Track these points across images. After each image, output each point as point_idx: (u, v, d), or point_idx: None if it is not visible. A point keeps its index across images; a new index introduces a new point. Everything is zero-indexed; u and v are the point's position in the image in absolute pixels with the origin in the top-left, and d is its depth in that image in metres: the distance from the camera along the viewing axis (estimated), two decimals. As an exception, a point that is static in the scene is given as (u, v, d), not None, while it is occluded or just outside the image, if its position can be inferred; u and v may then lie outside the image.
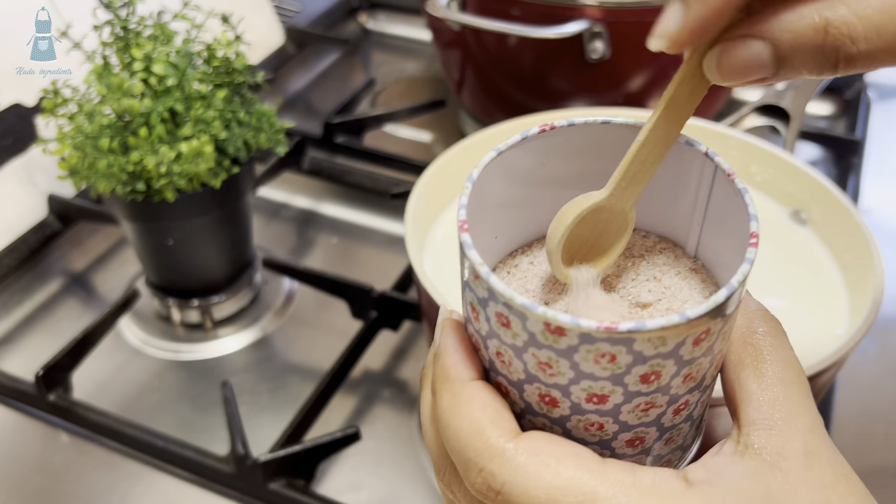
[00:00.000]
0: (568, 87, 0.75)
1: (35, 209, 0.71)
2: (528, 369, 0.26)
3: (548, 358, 0.25)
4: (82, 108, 0.55)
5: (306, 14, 1.03)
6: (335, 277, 0.63)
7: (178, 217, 0.59)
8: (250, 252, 0.67)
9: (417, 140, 0.88)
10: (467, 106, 0.86)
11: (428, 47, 1.02)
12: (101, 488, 0.54)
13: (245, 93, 0.60)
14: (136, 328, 0.66)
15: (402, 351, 0.64)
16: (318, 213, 0.79)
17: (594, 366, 0.24)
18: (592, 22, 0.68)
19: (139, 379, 0.62)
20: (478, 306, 0.26)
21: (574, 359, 0.24)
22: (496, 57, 0.77)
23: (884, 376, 0.62)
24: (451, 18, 0.72)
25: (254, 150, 0.60)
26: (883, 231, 0.70)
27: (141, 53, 0.55)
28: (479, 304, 0.26)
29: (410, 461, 0.56)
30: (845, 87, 0.90)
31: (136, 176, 0.56)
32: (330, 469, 0.56)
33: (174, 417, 0.59)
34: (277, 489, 0.52)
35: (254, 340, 0.66)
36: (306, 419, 0.56)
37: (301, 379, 0.62)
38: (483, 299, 0.25)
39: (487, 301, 0.25)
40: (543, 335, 0.24)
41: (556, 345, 0.24)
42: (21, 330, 0.67)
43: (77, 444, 0.57)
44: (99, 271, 0.72)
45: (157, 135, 0.54)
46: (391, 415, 0.59)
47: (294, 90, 0.96)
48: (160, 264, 0.63)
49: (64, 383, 0.58)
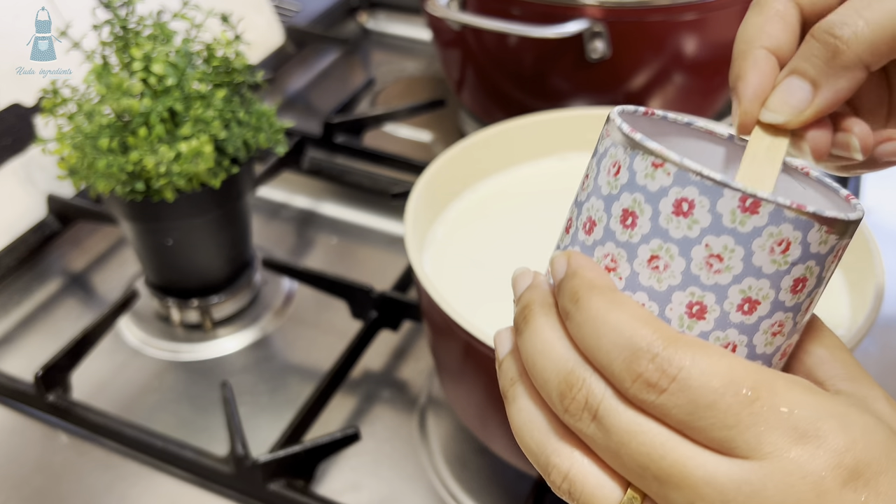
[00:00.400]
0: (568, 87, 0.75)
1: (34, 209, 0.71)
2: (691, 269, 0.25)
3: (723, 247, 0.25)
4: (81, 107, 0.55)
5: (306, 13, 1.03)
6: (335, 277, 0.63)
7: (178, 217, 0.59)
8: (250, 252, 0.67)
9: (417, 140, 0.88)
10: (467, 105, 0.86)
11: (428, 47, 1.02)
12: (100, 488, 0.54)
13: (244, 92, 0.60)
14: (136, 328, 0.66)
15: (401, 351, 0.64)
16: (318, 212, 0.79)
17: (766, 257, 0.25)
18: (592, 21, 0.68)
19: (138, 379, 0.62)
20: (643, 205, 0.26)
21: (751, 247, 0.25)
22: (496, 56, 0.77)
23: (884, 376, 0.62)
24: (451, 18, 0.72)
25: (253, 150, 0.60)
26: (883, 231, 0.70)
27: (140, 53, 0.55)
28: (648, 200, 0.26)
29: (410, 461, 0.56)
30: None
31: (136, 176, 0.56)
32: (329, 469, 0.56)
33: (173, 418, 0.59)
34: (277, 490, 0.52)
35: (253, 341, 0.65)
36: (306, 419, 0.56)
37: (301, 379, 0.62)
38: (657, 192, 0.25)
39: (666, 191, 0.25)
40: (732, 215, 0.24)
41: (741, 227, 0.25)
42: (20, 330, 0.67)
43: (76, 445, 0.57)
44: (98, 271, 0.72)
45: (156, 134, 0.54)
46: (391, 415, 0.59)
47: (294, 90, 0.96)
48: (159, 264, 0.63)
49: (63, 383, 0.58)
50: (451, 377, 0.52)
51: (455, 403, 0.53)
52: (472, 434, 0.53)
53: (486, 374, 0.46)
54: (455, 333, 0.44)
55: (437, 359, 0.53)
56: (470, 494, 0.54)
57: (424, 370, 0.62)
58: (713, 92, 0.80)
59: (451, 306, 0.44)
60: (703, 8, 0.69)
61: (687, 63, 0.73)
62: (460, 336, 0.44)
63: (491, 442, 0.51)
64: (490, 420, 0.50)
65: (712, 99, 0.81)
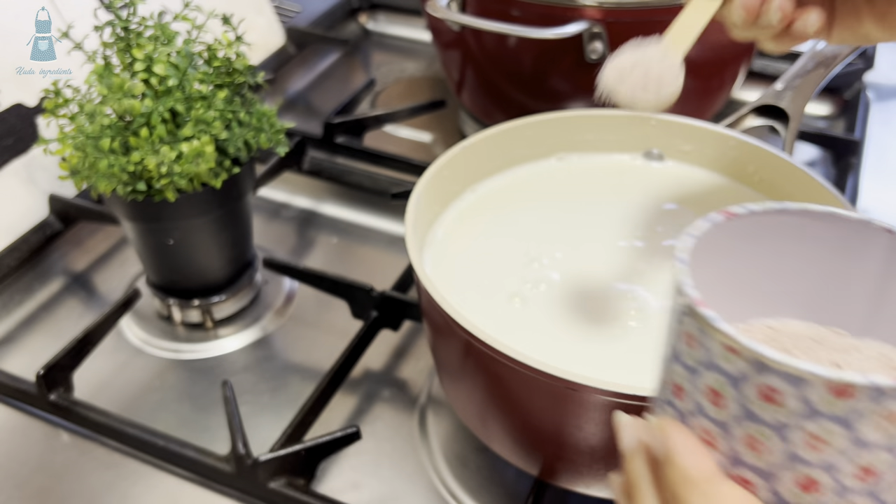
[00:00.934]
0: (568, 88, 0.75)
1: (36, 209, 0.71)
2: (792, 449, 0.24)
3: (821, 429, 0.23)
4: (83, 108, 0.55)
5: (307, 14, 1.03)
6: (335, 277, 0.64)
7: (179, 217, 0.59)
8: (251, 252, 0.68)
9: (417, 140, 0.88)
10: (467, 106, 0.86)
11: (428, 48, 1.03)
12: (101, 487, 0.55)
13: (246, 93, 0.60)
14: (137, 328, 0.66)
15: (402, 351, 0.64)
16: (319, 213, 0.79)
17: (874, 432, 0.23)
18: (592, 22, 0.68)
19: (140, 378, 0.63)
20: (727, 387, 0.24)
21: (855, 426, 0.23)
22: (496, 57, 0.77)
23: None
24: (451, 19, 0.72)
25: (254, 151, 0.60)
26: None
27: (142, 54, 0.55)
28: (731, 383, 0.24)
29: (410, 460, 0.56)
30: (844, 88, 0.90)
31: (137, 176, 0.56)
32: (330, 468, 0.56)
33: (175, 417, 0.59)
34: (278, 488, 0.52)
35: (254, 340, 0.66)
36: (307, 419, 0.56)
37: (301, 378, 0.62)
38: (738, 377, 0.24)
39: (747, 377, 0.24)
40: (826, 401, 0.23)
41: (838, 411, 0.23)
42: (22, 330, 0.67)
43: (78, 444, 0.57)
44: (100, 271, 0.73)
45: (157, 135, 0.54)
46: (391, 414, 0.60)
47: (294, 90, 0.97)
48: (161, 264, 0.63)
49: (65, 383, 0.59)
50: (451, 376, 0.52)
51: (455, 403, 0.54)
52: (472, 433, 0.53)
53: (485, 373, 0.46)
54: (455, 332, 0.44)
55: (438, 358, 0.53)
56: (470, 493, 0.54)
57: (424, 370, 0.63)
58: (712, 93, 0.80)
59: (451, 305, 0.44)
60: (702, 9, 0.69)
61: (685, 64, 0.73)
62: (460, 335, 0.44)
63: (491, 441, 0.52)
64: (490, 419, 0.50)
65: (711, 100, 0.81)
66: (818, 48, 0.75)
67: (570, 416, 0.43)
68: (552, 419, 0.45)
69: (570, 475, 0.49)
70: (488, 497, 0.54)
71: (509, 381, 0.44)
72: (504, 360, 0.42)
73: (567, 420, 0.44)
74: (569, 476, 0.49)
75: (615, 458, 0.45)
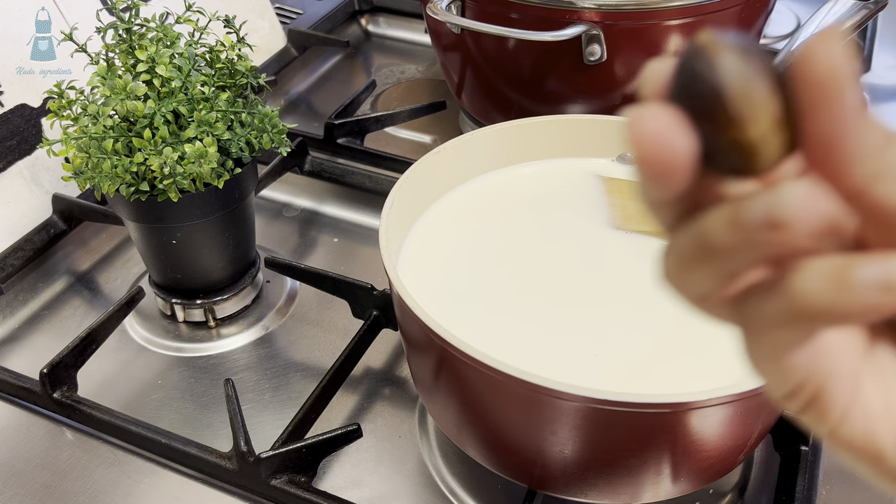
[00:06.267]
0: (566, 90, 0.76)
1: (40, 209, 0.72)
2: None
3: None
4: (87, 109, 0.56)
5: (308, 17, 1.04)
6: (337, 277, 0.64)
7: (182, 217, 0.59)
8: (253, 252, 0.68)
9: (418, 141, 0.89)
10: (467, 108, 0.87)
11: (428, 50, 1.03)
12: (105, 485, 0.55)
13: (248, 95, 0.61)
14: (140, 327, 0.67)
15: (402, 349, 0.65)
16: (320, 213, 0.80)
17: None
18: (590, 25, 0.69)
19: (143, 377, 0.63)
20: None
21: None
22: (495, 60, 0.77)
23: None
24: (451, 22, 0.72)
25: (256, 151, 0.61)
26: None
27: (145, 56, 0.55)
28: None
29: (411, 458, 0.57)
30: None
31: (141, 177, 0.57)
32: (332, 466, 0.56)
33: (178, 415, 0.60)
34: (280, 485, 0.52)
35: (256, 339, 0.66)
36: (308, 416, 0.56)
37: (303, 377, 0.63)
38: None
39: None
40: None
41: None
42: (26, 329, 0.67)
43: (81, 442, 0.58)
44: (103, 271, 0.73)
45: (160, 136, 0.55)
46: (392, 412, 0.60)
47: (296, 92, 0.97)
48: (164, 264, 0.64)
49: (69, 381, 0.59)
50: (427, 389, 0.51)
51: (439, 419, 0.53)
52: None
53: (460, 381, 0.45)
54: (433, 341, 0.43)
55: (414, 371, 0.53)
56: (470, 490, 0.55)
57: (425, 368, 0.63)
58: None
59: (425, 311, 0.43)
60: (699, 11, 0.69)
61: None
62: (437, 343, 0.43)
63: (475, 455, 0.51)
64: (468, 430, 0.49)
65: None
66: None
67: (546, 422, 0.43)
68: (529, 426, 0.44)
69: (559, 485, 0.48)
70: (488, 494, 0.54)
71: (483, 387, 0.44)
72: (477, 365, 0.41)
73: (543, 426, 0.43)
74: (559, 486, 0.48)
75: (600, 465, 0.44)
